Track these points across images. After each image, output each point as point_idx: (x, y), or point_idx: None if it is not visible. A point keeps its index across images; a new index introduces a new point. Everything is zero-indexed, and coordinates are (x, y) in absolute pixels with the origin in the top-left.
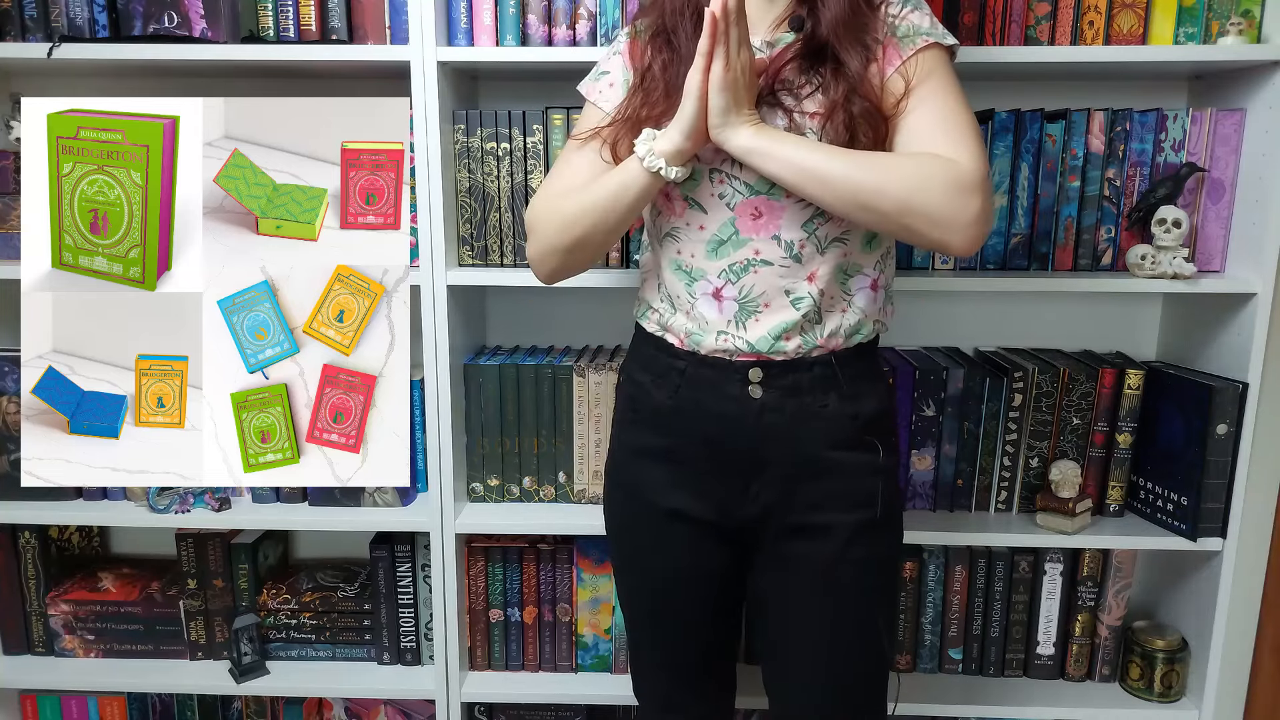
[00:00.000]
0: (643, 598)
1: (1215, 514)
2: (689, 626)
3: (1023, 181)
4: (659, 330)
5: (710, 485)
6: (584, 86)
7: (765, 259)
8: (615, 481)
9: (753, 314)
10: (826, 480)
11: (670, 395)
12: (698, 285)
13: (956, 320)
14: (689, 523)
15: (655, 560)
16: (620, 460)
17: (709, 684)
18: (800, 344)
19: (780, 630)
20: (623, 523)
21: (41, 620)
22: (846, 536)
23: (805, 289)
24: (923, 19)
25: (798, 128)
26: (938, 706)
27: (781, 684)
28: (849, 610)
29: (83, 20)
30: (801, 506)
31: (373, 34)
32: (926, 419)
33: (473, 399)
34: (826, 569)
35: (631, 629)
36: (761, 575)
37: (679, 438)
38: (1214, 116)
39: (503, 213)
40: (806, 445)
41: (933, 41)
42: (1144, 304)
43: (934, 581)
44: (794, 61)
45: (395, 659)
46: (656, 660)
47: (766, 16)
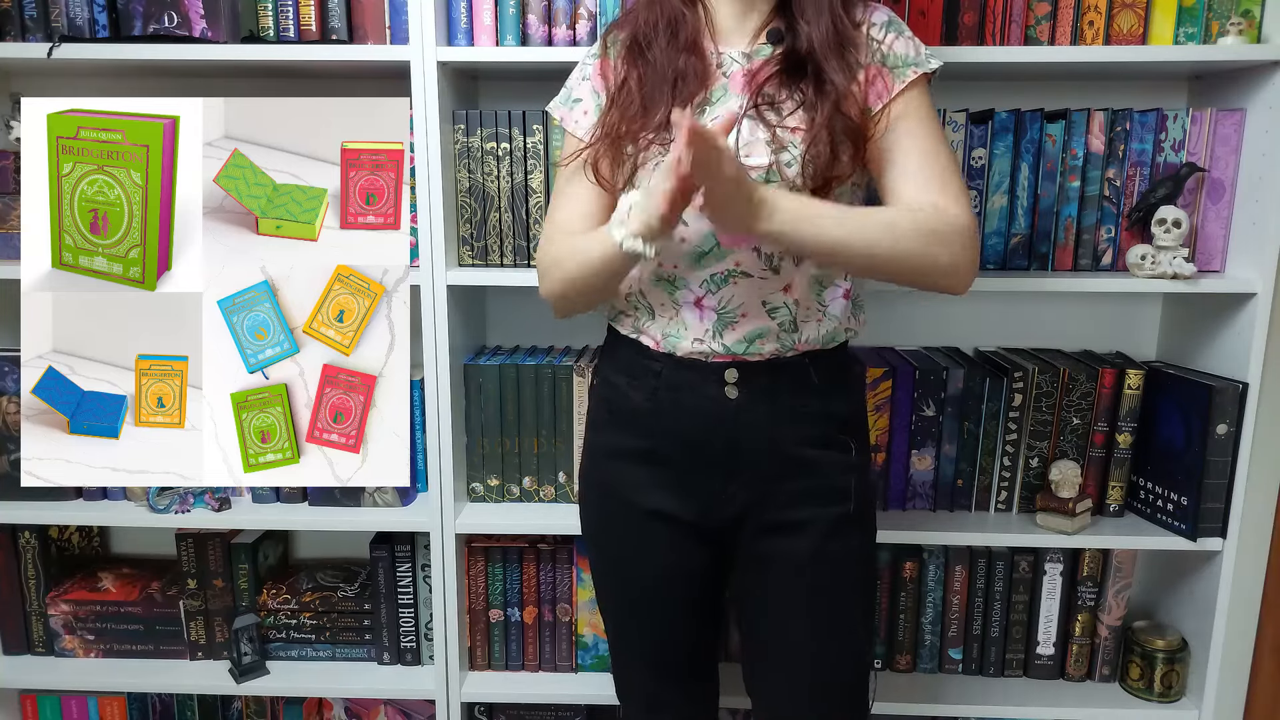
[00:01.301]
0: (625, 598)
1: (1215, 514)
2: (672, 625)
3: (1023, 181)
4: (633, 333)
5: (690, 485)
6: (557, 110)
7: (745, 270)
8: (591, 484)
9: (730, 323)
10: (802, 478)
11: (648, 397)
12: (680, 294)
13: (956, 320)
14: (669, 523)
15: (636, 561)
16: (596, 463)
17: (694, 683)
18: (777, 347)
19: (760, 628)
20: (601, 525)
21: (41, 620)
22: (823, 532)
23: (782, 299)
24: (908, 46)
25: (780, 143)
26: (938, 706)
27: (763, 681)
28: (827, 605)
29: (83, 20)
30: (778, 504)
31: (373, 34)
32: (926, 419)
33: (473, 399)
34: (804, 565)
35: (613, 631)
36: (741, 574)
37: (658, 439)
38: (1214, 116)
39: (503, 213)
40: (782, 444)
41: (920, 72)
42: (1144, 304)
43: (934, 581)
44: (775, 76)
45: (395, 659)
46: (642, 660)
47: (744, 26)
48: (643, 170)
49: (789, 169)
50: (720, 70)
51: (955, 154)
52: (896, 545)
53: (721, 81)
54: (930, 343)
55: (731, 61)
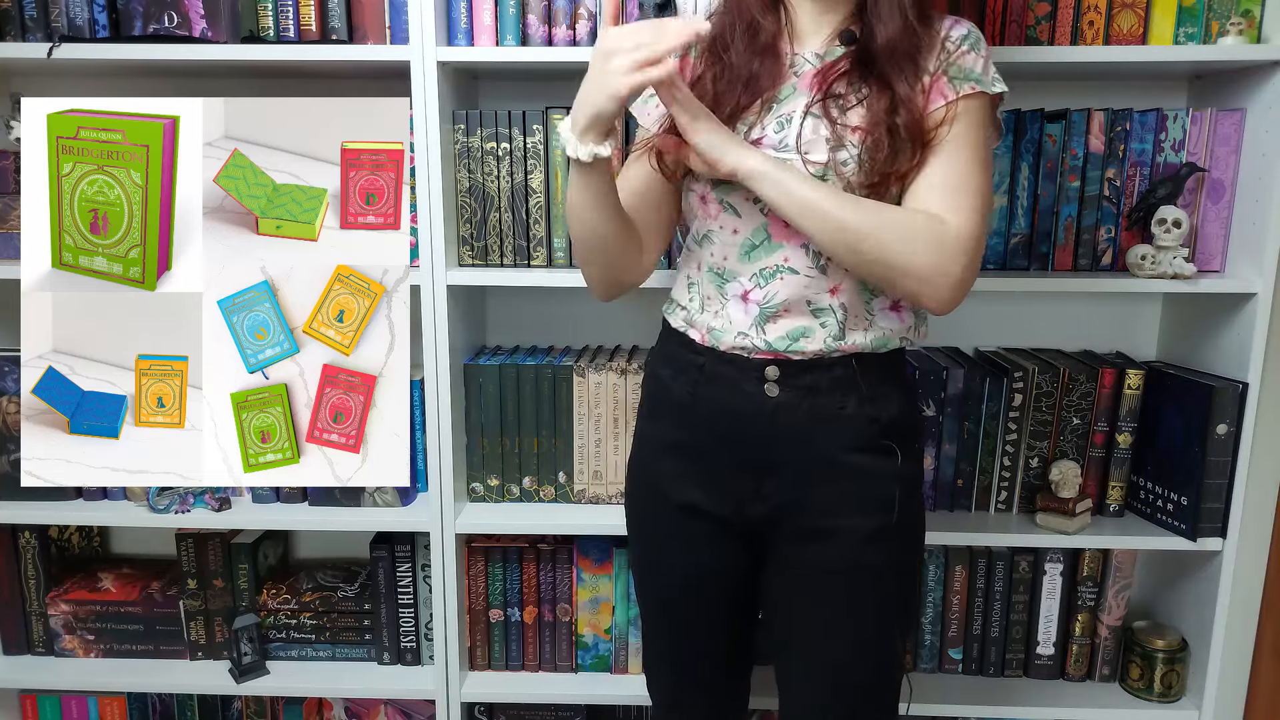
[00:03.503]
0: (656, 592)
1: (1215, 514)
2: (702, 623)
3: (1023, 181)
4: (684, 326)
5: (724, 481)
6: (635, 109)
7: (793, 266)
8: (634, 475)
9: (771, 316)
10: (842, 483)
11: (689, 390)
12: (729, 287)
13: (956, 320)
14: (702, 518)
15: (668, 554)
16: (640, 454)
17: (723, 682)
18: (821, 348)
19: (790, 634)
20: (638, 516)
21: (41, 620)
22: (859, 541)
23: (828, 301)
24: (976, 62)
25: (839, 140)
26: (938, 706)
27: (793, 688)
28: (859, 617)
29: (83, 20)
30: (815, 510)
31: (373, 34)
32: (926, 419)
33: (473, 399)
34: (837, 574)
35: (646, 625)
36: (774, 577)
37: (695, 432)
38: (1214, 116)
39: (503, 213)
40: (822, 446)
41: (979, 90)
42: (1144, 304)
43: (934, 581)
44: (844, 75)
45: (395, 659)
46: (669, 656)
47: (822, 29)
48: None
49: (845, 168)
50: (793, 70)
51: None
52: None
53: (791, 80)
54: (930, 343)
55: (804, 62)
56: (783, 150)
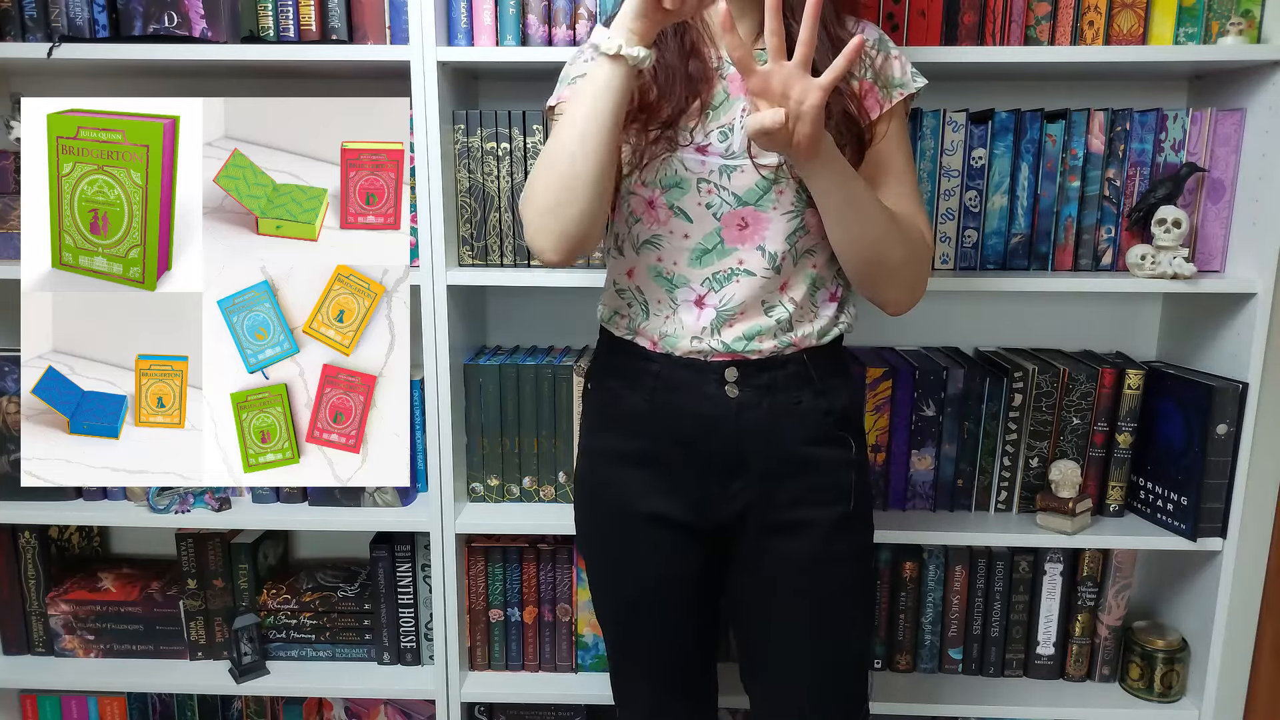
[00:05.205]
0: (622, 604)
1: (1215, 514)
2: (671, 629)
3: (1023, 181)
4: (628, 334)
5: (689, 487)
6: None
7: (749, 269)
8: (586, 489)
9: (728, 319)
10: (805, 476)
11: (645, 399)
12: (679, 292)
13: (956, 320)
14: (667, 526)
15: (634, 566)
16: (592, 468)
17: (693, 686)
18: (775, 344)
19: (761, 629)
20: (597, 530)
21: (41, 620)
22: (825, 532)
23: (778, 299)
24: (896, 67)
25: None
26: (938, 706)
27: (762, 682)
28: (829, 605)
29: (83, 20)
30: (782, 504)
31: (373, 34)
32: (926, 419)
33: (473, 399)
34: (807, 566)
35: (611, 638)
36: (741, 575)
37: (656, 441)
38: (1214, 116)
39: (503, 213)
40: (784, 442)
41: (905, 94)
42: (1144, 304)
43: (934, 581)
44: None
45: (395, 659)
46: (641, 667)
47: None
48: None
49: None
50: (719, 73)
51: None
52: (896, 545)
53: (721, 84)
54: (930, 343)
55: (728, 65)
56: (731, 158)
